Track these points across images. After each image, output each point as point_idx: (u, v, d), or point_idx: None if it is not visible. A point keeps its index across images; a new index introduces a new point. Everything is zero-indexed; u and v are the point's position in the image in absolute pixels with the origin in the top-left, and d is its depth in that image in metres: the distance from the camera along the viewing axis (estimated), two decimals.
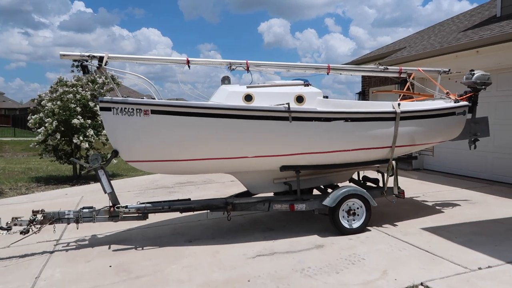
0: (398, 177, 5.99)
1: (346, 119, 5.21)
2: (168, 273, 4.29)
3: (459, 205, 6.94)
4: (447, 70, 6.93)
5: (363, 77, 14.41)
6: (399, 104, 5.57)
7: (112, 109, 4.94)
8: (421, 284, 3.82)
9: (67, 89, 10.80)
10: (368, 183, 6.55)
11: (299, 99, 5.45)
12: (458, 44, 9.22)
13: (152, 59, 5.50)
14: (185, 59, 5.44)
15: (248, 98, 5.32)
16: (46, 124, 10.40)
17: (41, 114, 10.90)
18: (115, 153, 5.19)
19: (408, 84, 6.83)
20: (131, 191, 9.24)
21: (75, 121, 10.42)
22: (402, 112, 5.47)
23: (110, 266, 4.53)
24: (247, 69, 5.69)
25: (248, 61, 5.66)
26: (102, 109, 5.01)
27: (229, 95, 5.30)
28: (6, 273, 4.43)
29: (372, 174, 6.61)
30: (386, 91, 9.12)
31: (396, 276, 4.01)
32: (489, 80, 6.33)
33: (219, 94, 5.48)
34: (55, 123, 10.31)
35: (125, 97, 5.08)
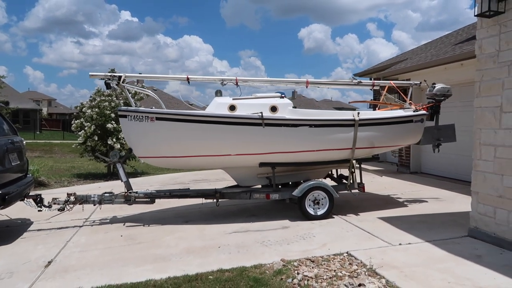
0: (363, 175, 7.06)
1: (310, 125, 6.41)
2: (162, 241, 5.68)
3: (426, 201, 7.89)
4: (418, 83, 7.92)
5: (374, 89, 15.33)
6: (358, 113, 6.69)
7: (127, 116, 6.44)
8: (347, 252, 4.96)
9: (103, 98, 12.60)
10: (344, 180, 7.66)
11: (273, 108, 6.72)
12: (445, 57, 10.08)
13: (159, 77, 6.99)
14: (185, 77, 6.87)
15: (232, 108, 6.65)
16: (86, 128, 12.23)
17: (82, 119, 12.78)
18: (130, 151, 6.69)
19: (383, 95, 7.91)
20: (153, 185, 10.82)
21: (109, 125, 12.18)
22: (360, 120, 6.59)
23: (121, 236, 5.99)
24: (236, 84, 7.04)
25: (238, 78, 7.00)
26: (120, 116, 6.53)
27: (217, 106, 6.66)
28: (47, 238, 5.99)
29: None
30: (362, 101, 10.11)
31: (331, 247, 5.17)
32: (449, 92, 7.27)
33: (211, 104, 6.85)
34: (93, 127, 12.12)
35: (137, 106, 6.59)
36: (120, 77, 6.48)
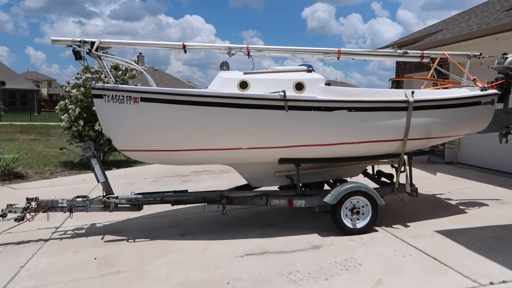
0: (412, 171, 5.41)
1: (349, 109, 4.73)
2: (148, 270, 4.10)
3: (486, 205, 6.26)
4: (478, 54, 6.19)
5: (397, 63, 13.54)
6: (412, 92, 4.99)
7: (103, 96, 4.79)
8: None
9: (90, 75, 10.90)
10: (383, 179, 6.03)
11: (299, 86, 5.03)
12: (498, 24, 8.29)
13: (146, 44, 5.28)
14: (181, 44, 5.17)
15: (243, 85, 4.98)
16: (70, 111, 10.59)
17: (66, 101, 11.12)
18: (108, 142, 5.06)
19: (432, 70, 6.17)
20: (147, 178, 9.23)
21: None
22: (415, 101, 4.90)
23: (95, 259, 4.42)
24: (248, 54, 5.34)
25: (249, 46, 5.30)
26: (94, 96, 4.88)
27: (223, 82, 4.98)
28: None
29: (387, 168, 6.08)
30: (404, 78, 8.38)
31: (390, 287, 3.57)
32: None
33: (215, 81, 5.18)
34: (78, 109, 10.48)
35: (117, 83, 4.93)
36: (93, 43, 4.80)
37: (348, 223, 4.93)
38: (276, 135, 4.75)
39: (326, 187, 6.07)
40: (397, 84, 13.71)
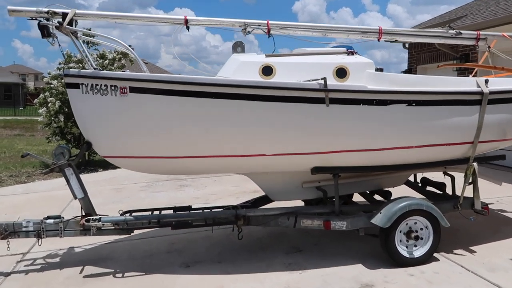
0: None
1: (409, 102, 3.58)
2: None
3: None
4: None
5: (410, 53, 12.51)
6: (486, 81, 3.85)
7: (80, 86, 3.58)
8: None
9: (72, 65, 9.60)
10: (429, 188, 4.91)
11: (341, 72, 3.83)
12: None
13: (137, 18, 4.04)
14: (183, 17, 3.95)
15: (268, 71, 3.78)
16: (49, 105, 9.29)
17: (46, 93, 9.82)
18: (88, 146, 3.85)
19: (486, 54, 5.03)
20: (138, 182, 7.99)
21: None
22: (491, 93, 3.77)
23: None
24: (268, 33, 4.12)
25: (270, 22, 4.09)
26: (68, 86, 3.66)
27: (240, 67, 3.78)
28: None
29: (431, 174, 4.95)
30: (456, 64, 7.24)
31: None
32: None
33: (228, 65, 3.98)
34: (58, 103, 9.18)
35: (98, 69, 3.71)
36: (65, 14, 3.57)
37: (403, 251, 3.79)
38: (311, 137, 3.58)
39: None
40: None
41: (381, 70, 4.20)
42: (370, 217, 3.81)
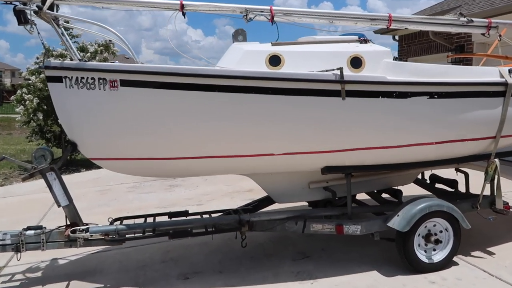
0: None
1: (431, 95, 3.27)
2: None
3: None
4: None
5: (400, 44, 12.31)
6: (510, 71, 3.58)
7: (64, 80, 3.15)
8: None
9: (51, 59, 9.00)
10: (441, 186, 4.65)
11: (355, 62, 3.49)
12: None
13: (127, 2, 3.60)
14: (178, 2, 3.54)
15: (275, 60, 3.41)
16: (26, 102, 8.71)
17: (24, 90, 9.22)
18: (73, 147, 3.43)
19: (496, 43, 4.80)
20: (125, 183, 7.54)
21: None
22: None
23: None
24: (271, 20, 3.75)
25: (273, 8, 3.72)
26: (50, 79, 3.23)
27: (244, 57, 3.41)
28: None
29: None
30: (467, 55, 7.00)
31: None
32: None
33: (230, 55, 3.60)
34: (36, 100, 8.61)
35: (84, 60, 3.28)
36: None
37: (422, 255, 3.50)
38: (324, 134, 3.25)
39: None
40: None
41: (397, 59, 3.89)
42: (386, 220, 3.51)
